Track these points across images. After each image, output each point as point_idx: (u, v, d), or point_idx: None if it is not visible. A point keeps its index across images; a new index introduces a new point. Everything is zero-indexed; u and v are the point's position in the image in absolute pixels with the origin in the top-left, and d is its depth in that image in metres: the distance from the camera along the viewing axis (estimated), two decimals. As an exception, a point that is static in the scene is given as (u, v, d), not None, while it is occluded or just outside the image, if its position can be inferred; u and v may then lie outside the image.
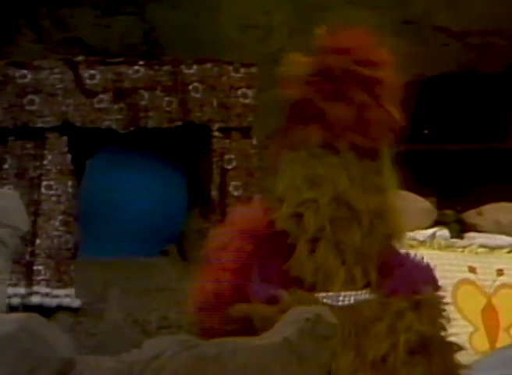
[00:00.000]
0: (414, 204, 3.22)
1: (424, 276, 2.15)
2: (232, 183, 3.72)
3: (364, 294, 2.04)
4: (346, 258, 2.03)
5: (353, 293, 2.04)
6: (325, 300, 2.01)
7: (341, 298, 2.03)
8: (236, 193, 3.72)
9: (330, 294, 2.02)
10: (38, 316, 1.59)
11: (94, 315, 3.63)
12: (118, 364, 1.56)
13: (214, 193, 3.72)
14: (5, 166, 3.68)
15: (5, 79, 3.63)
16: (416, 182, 3.68)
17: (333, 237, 2.04)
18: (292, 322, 1.69)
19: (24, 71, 3.64)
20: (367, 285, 2.05)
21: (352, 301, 2.02)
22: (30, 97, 3.65)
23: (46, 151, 3.67)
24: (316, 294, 2.01)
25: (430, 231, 3.06)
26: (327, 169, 2.07)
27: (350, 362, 1.95)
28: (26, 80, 3.64)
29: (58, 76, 3.65)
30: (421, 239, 3.02)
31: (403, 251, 2.21)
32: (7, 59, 3.62)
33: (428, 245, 3.02)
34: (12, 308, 3.43)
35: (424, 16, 3.84)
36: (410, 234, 2.97)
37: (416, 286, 2.09)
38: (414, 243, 2.98)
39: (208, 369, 1.55)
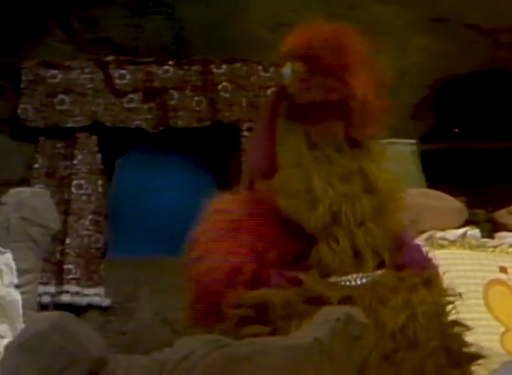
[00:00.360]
0: (445, 203, 3.20)
1: (425, 253, 2.23)
2: (262, 182, 3.72)
3: (379, 273, 2.09)
4: (376, 243, 2.09)
5: (370, 273, 2.09)
6: (342, 282, 2.05)
7: (359, 279, 2.08)
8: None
9: (349, 276, 2.07)
10: (70, 315, 1.59)
11: (123, 314, 3.64)
12: (149, 363, 1.55)
13: (243, 192, 3.72)
14: (36, 166, 3.71)
15: (36, 79, 3.66)
16: (446, 181, 3.66)
17: (370, 226, 2.10)
18: (323, 322, 1.68)
19: (55, 71, 3.66)
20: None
21: (367, 281, 2.08)
22: (60, 97, 3.68)
23: (76, 151, 3.70)
24: (334, 279, 2.06)
25: (461, 231, 3.04)
26: (355, 163, 2.12)
27: (371, 334, 1.98)
28: (56, 80, 3.67)
29: (89, 76, 3.67)
30: (452, 238, 3.00)
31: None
32: (38, 59, 3.65)
33: (458, 245, 3.00)
34: (43, 307, 3.46)
35: (454, 14, 3.81)
36: (441, 234, 2.96)
37: (423, 262, 2.15)
38: (445, 242, 2.96)
39: (240, 368, 1.55)
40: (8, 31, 3.63)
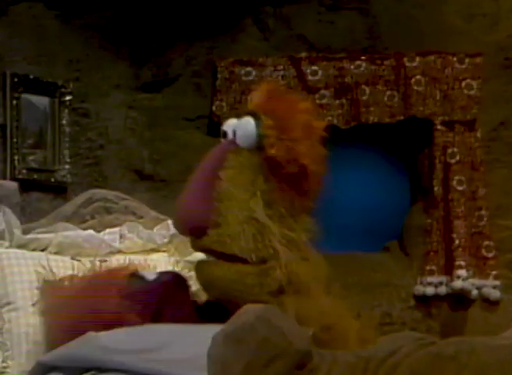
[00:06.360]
0: None
1: None
2: (456, 177, 3.63)
3: None
4: None
5: None
6: None
7: None
8: (460, 188, 3.63)
9: None
10: (275, 308, 1.62)
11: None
12: (354, 359, 1.55)
13: (436, 188, 3.65)
14: (230, 162, 3.78)
15: (231, 76, 3.73)
16: None
17: None
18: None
19: (249, 69, 3.73)
20: None
21: None
22: (254, 94, 3.73)
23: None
24: None
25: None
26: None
27: None
28: (250, 78, 3.72)
29: (282, 72, 3.70)
30: None
31: None
32: (233, 58, 3.73)
33: None
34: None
35: None
36: None
37: None
38: None
39: (446, 367, 1.51)
40: (204, 30, 3.73)
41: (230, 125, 2.21)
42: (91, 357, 2.02)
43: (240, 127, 2.16)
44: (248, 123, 2.16)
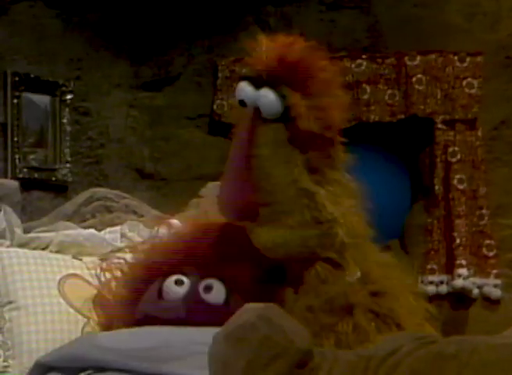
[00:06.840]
0: None
1: None
2: (457, 176, 3.63)
3: None
4: None
5: None
6: None
7: None
8: (460, 186, 3.63)
9: None
10: (276, 307, 1.61)
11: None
12: (355, 358, 1.55)
13: (437, 187, 3.65)
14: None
15: (232, 75, 3.73)
16: None
17: None
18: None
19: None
20: None
21: None
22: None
23: (269, 146, 3.74)
24: None
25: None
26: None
27: None
28: (251, 77, 3.72)
29: (284, 71, 3.71)
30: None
31: None
32: (234, 56, 3.73)
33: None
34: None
35: None
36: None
37: None
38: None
39: (447, 366, 1.51)
40: (205, 29, 3.73)
41: (249, 95, 2.05)
42: (90, 357, 2.02)
43: (261, 100, 2.03)
44: (269, 95, 2.00)
